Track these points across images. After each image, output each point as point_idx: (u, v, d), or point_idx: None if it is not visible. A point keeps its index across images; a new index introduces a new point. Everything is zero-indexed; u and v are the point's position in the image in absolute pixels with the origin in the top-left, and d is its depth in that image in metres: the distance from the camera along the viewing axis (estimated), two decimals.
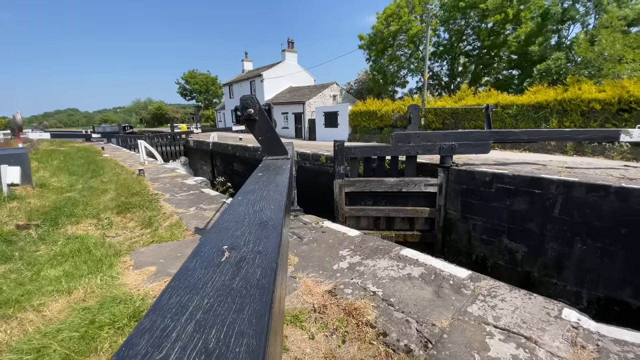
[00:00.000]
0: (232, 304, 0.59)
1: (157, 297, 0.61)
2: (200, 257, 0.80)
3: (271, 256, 0.79)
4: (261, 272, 0.71)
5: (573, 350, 2.01)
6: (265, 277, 0.68)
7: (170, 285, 0.66)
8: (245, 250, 0.83)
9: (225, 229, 1.01)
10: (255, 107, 3.12)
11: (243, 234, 0.96)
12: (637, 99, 10.63)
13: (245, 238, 0.92)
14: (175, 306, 0.59)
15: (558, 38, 19.99)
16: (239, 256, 0.80)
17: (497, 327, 2.21)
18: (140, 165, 10.13)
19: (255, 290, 0.64)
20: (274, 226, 1.03)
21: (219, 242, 0.89)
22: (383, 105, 19.21)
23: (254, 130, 3.38)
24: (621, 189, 5.98)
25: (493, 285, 2.71)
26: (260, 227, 1.02)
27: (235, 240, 0.90)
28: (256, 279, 0.68)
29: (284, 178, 2.07)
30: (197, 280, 0.68)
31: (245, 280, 0.67)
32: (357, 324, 2.34)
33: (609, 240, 6.20)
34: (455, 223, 8.89)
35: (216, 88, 54.55)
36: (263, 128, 3.40)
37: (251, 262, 0.76)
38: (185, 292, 0.63)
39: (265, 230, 0.99)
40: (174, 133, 25.56)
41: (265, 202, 1.33)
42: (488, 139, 8.32)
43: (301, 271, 3.07)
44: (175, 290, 0.64)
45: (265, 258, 0.78)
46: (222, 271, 0.72)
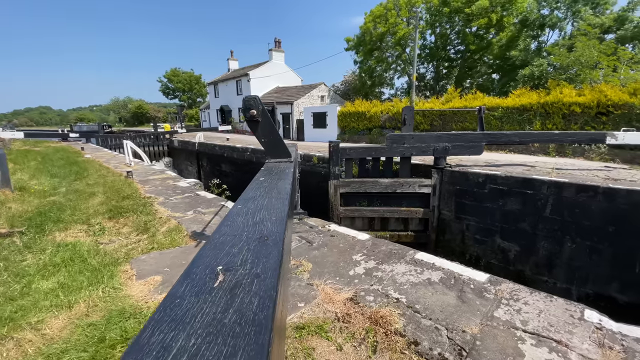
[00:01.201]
0: (223, 345, 0.52)
1: (136, 335, 0.53)
2: (191, 281, 0.71)
3: (270, 281, 0.71)
4: (258, 303, 0.63)
5: (602, 351, 2.02)
6: (263, 310, 0.60)
7: (153, 318, 0.58)
8: (242, 273, 0.75)
9: (221, 244, 0.93)
10: (258, 108, 3.01)
11: (240, 251, 0.88)
12: (614, 103, 11.16)
13: (243, 256, 0.84)
14: (156, 347, 0.51)
15: (537, 43, 20.80)
16: (234, 280, 0.72)
17: (526, 332, 2.21)
18: (127, 166, 9.72)
19: (250, 327, 0.56)
20: (274, 242, 0.94)
21: (213, 261, 0.81)
22: (372, 106, 19.33)
23: (257, 132, 3.27)
24: (608, 189, 6.23)
25: (514, 289, 2.72)
26: (260, 242, 0.94)
27: (232, 259, 0.82)
28: (252, 311, 0.60)
29: (286, 183, 1.99)
30: (185, 312, 0.60)
31: (239, 313, 0.59)
32: (385, 332, 2.28)
33: (597, 239, 6.45)
34: (448, 223, 9.02)
35: (200, 87, 53.36)
36: (266, 129, 3.29)
37: (247, 289, 0.68)
38: (170, 328, 0.56)
39: (265, 247, 0.91)
40: (157, 133, 24.78)
41: (266, 212, 1.26)
42: (481, 140, 8.50)
43: (317, 278, 2.98)
44: (158, 325, 0.56)
45: (264, 284, 0.70)
46: (213, 300, 0.64)
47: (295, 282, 2.93)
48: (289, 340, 2.23)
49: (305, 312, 2.51)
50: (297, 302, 2.63)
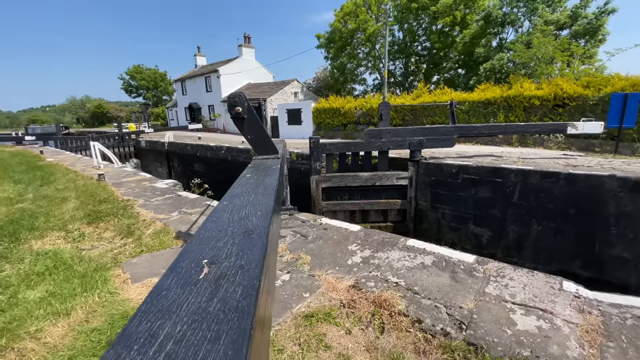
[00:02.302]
0: (208, 331, 0.54)
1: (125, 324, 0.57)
2: (177, 274, 0.74)
3: (254, 271, 0.74)
4: (242, 292, 0.65)
5: (582, 316, 2.29)
6: (246, 298, 0.63)
7: (140, 309, 0.61)
8: (226, 265, 0.78)
9: (207, 239, 0.96)
10: (244, 105, 3.03)
11: (225, 245, 0.91)
12: (570, 96, 12.16)
13: (228, 250, 0.87)
14: (144, 335, 0.54)
15: (499, 40, 22.05)
16: (218, 272, 0.74)
17: (515, 304, 2.44)
18: (96, 169, 9.20)
19: (234, 314, 0.58)
20: (259, 235, 0.97)
21: (198, 256, 0.84)
22: (346, 102, 19.58)
23: (243, 129, 3.28)
24: (569, 175, 6.84)
25: (499, 267, 2.97)
26: (245, 236, 0.97)
27: (217, 253, 0.85)
28: (236, 299, 0.62)
29: (273, 180, 2.05)
30: (171, 303, 0.62)
31: (223, 301, 0.62)
32: (389, 314, 2.42)
33: (560, 221, 7.07)
34: (425, 213, 9.44)
35: (166, 84, 51.04)
36: (252, 127, 3.31)
37: (232, 279, 0.71)
38: (157, 318, 0.58)
39: (249, 241, 0.93)
40: (122, 133, 23.49)
41: (251, 208, 1.29)
42: (453, 133, 8.95)
43: (318, 269, 3.07)
44: (146, 315, 0.59)
45: (248, 274, 0.73)
46: (199, 291, 0.66)
47: (297, 274, 3.00)
48: (300, 328, 2.30)
49: (312, 302, 2.59)
50: (302, 293, 2.70)
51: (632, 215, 6.38)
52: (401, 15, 24.98)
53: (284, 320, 2.38)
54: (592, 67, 16.88)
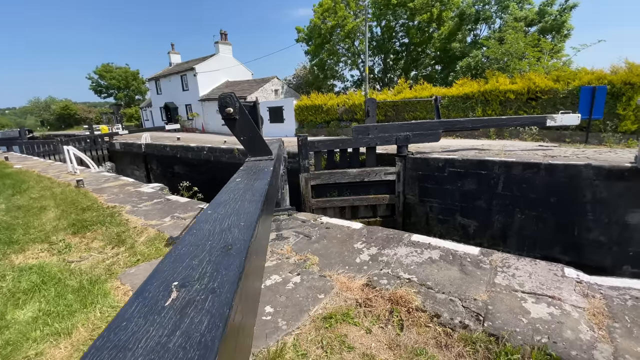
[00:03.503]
0: None
1: None
2: (143, 300, 0.67)
3: (226, 296, 0.67)
4: (208, 322, 0.58)
5: (587, 300, 2.41)
6: (211, 330, 0.56)
7: (95, 345, 0.54)
8: (197, 288, 0.71)
9: (182, 256, 0.89)
10: (235, 106, 2.95)
11: (201, 263, 0.84)
12: (542, 89, 12.75)
13: (202, 269, 0.81)
14: None
15: (473, 36, 22.77)
16: (187, 297, 0.67)
17: (524, 292, 2.53)
18: (72, 175, 8.70)
19: (195, 351, 0.52)
20: (238, 251, 0.91)
21: (170, 276, 0.77)
22: (328, 99, 19.57)
23: (235, 130, 3.21)
24: (549, 165, 7.19)
25: (503, 257, 3.07)
26: (223, 252, 0.91)
27: (190, 273, 0.78)
28: (200, 332, 0.56)
29: (263, 184, 2.02)
30: (130, 337, 0.56)
31: (186, 335, 0.55)
32: (407, 310, 2.45)
33: (542, 209, 7.42)
34: (414, 207, 9.64)
35: (139, 83, 48.93)
36: (244, 127, 3.23)
37: (200, 306, 0.64)
38: (110, 357, 0.52)
39: (227, 258, 0.87)
40: (94, 136, 22.35)
41: (235, 218, 1.23)
42: (438, 128, 9.15)
43: (328, 269, 3.05)
44: (98, 353, 0.52)
45: (219, 299, 0.66)
46: (162, 322, 0.59)
47: (307, 275, 2.97)
48: (321, 331, 2.28)
49: (328, 303, 2.57)
50: (316, 295, 2.68)
51: (606, 201, 6.81)
52: (379, 11, 25.22)
53: (302, 323, 2.35)
54: (559, 61, 17.77)
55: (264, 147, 3.30)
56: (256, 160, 3.15)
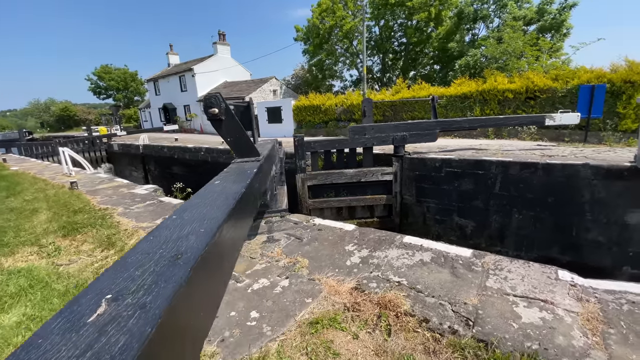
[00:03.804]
0: None
1: None
2: (69, 314, 0.61)
3: (153, 313, 0.61)
4: (123, 344, 0.53)
5: (581, 304, 2.35)
6: (123, 352, 0.51)
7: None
8: (128, 303, 0.65)
9: (128, 265, 0.84)
10: (221, 107, 2.89)
11: (144, 273, 0.79)
12: (540, 88, 12.68)
13: (143, 280, 0.75)
14: None
15: (472, 36, 22.70)
16: (114, 313, 0.61)
17: (517, 296, 2.47)
18: (67, 176, 8.65)
19: None
20: (186, 261, 0.84)
21: (107, 288, 0.71)
22: (326, 99, 19.52)
23: (221, 131, 3.15)
24: (547, 165, 7.12)
25: (496, 259, 3.01)
26: (170, 262, 0.85)
27: (128, 285, 0.72)
28: (111, 355, 0.51)
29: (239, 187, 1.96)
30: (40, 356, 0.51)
31: (96, 357, 0.50)
32: (395, 315, 2.38)
33: (539, 209, 7.35)
34: (411, 207, 9.57)
35: (137, 84, 48.91)
36: (231, 128, 3.18)
37: (122, 324, 0.58)
38: None
39: (171, 269, 0.81)
40: (92, 137, 22.33)
41: (197, 224, 1.17)
42: (435, 128, 9.09)
43: (317, 272, 2.99)
44: None
45: (145, 316, 0.60)
46: (77, 340, 0.54)
47: (296, 279, 2.91)
48: (307, 337, 2.22)
49: (315, 307, 2.51)
50: (304, 299, 2.62)
51: (605, 201, 6.73)
52: (377, 11, 25.15)
53: (288, 329, 2.29)
54: (559, 60, 17.70)
55: (251, 149, 3.24)
56: (242, 162, 3.09)
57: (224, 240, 1.39)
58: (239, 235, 1.92)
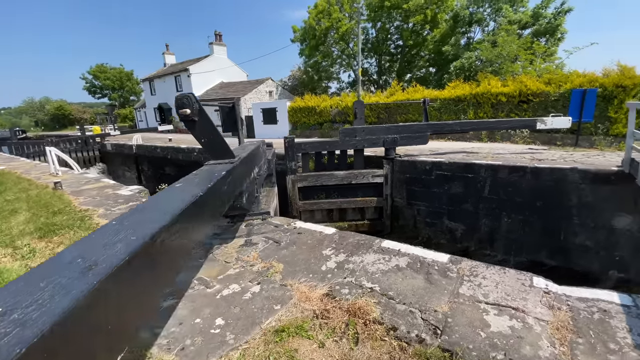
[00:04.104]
0: None
1: None
2: None
3: (33, 330, 0.57)
4: None
5: (552, 312, 2.30)
6: None
7: None
8: (14, 319, 0.61)
9: (40, 275, 0.79)
10: (193, 107, 2.83)
11: (49, 284, 0.74)
12: (533, 92, 12.70)
13: (42, 293, 0.70)
14: None
15: (467, 39, 22.78)
16: None
17: (488, 304, 2.42)
18: (53, 176, 8.54)
19: None
20: (96, 274, 0.80)
21: (7, 300, 0.68)
22: (321, 101, 19.49)
23: (194, 132, 3.09)
24: (535, 169, 7.11)
25: (472, 265, 2.96)
26: (81, 273, 0.81)
27: (25, 299, 0.68)
28: None
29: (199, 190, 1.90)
30: None
31: None
32: (364, 323, 2.33)
33: (528, 213, 7.33)
34: (401, 209, 9.53)
35: (133, 84, 48.68)
36: (204, 129, 3.12)
37: None
38: None
39: (77, 280, 0.77)
40: (85, 136, 22.15)
41: (132, 230, 1.13)
42: (426, 131, 9.07)
43: (291, 278, 2.93)
44: None
45: (19, 335, 0.56)
46: None
47: (268, 285, 2.85)
48: (270, 345, 2.16)
49: (283, 315, 2.45)
50: (273, 305, 2.55)
51: (592, 205, 6.72)
52: (374, 13, 25.19)
53: (252, 337, 2.23)
54: (552, 64, 17.76)
55: (225, 150, 3.19)
56: (215, 164, 3.04)
57: (165, 246, 1.34)
58: (193, 239, 1.86)
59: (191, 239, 1.81)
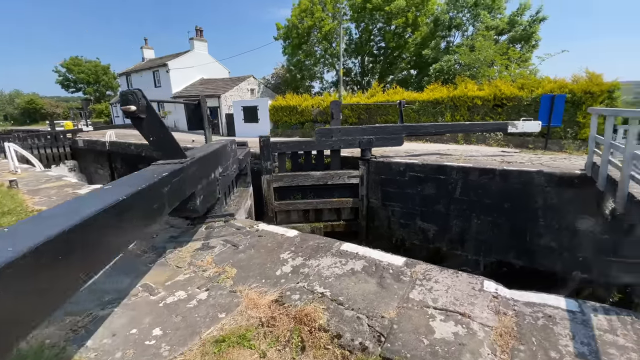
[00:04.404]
0: None
1: None
2: None
3: None
4: None
5: (498, 318, 2.30)
6: None
7: None
8: None
9: None
10: (140, 104, 2.69)
11: None
12: (507, 96, 13.05)
13: None
14: None
15: (447, 43, 23.21)
16: None
17: (436, 309, 2.40)
18: (12, 174, 8.05)
19: None
20: None
21: None
22: (303, 100, 19.38)
23: (142, 130, 2.95)
24: (503, 171, 7.27)
25: (426, 269, 2.94)
26: None
27: None
28: None
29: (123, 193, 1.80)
30: None
31: None
32: (309, 330, 2.25)
33: (497, 214, 7.49)
34: (376, 210, 9.56)
35: (109, 78, 46.90)
36: (153, 127, 2.98)
37: None
38: None
39: None
40: (55, 132, 21.16)
41: (10, 240, 1.06)
42: (401, 132, 9.13)
43: (242, 283, 2.82)
44: None
45: None
46: None
47: (216, 291, 2.73)
48: (208, 357, 2.05)
49: (226, 323, 2.34)
50: (217, 313, 2.44)
51: (557, 208, 6.93)
52: (357, 14, 25.28)
53: (189, 348, 2.11)
54: (526, 70, 18.34)
55: (176, 150, 3.04)
56: (163, 164, 2.89)
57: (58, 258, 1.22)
58: (113, 244, 1.73)
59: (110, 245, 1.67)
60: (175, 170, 2.65)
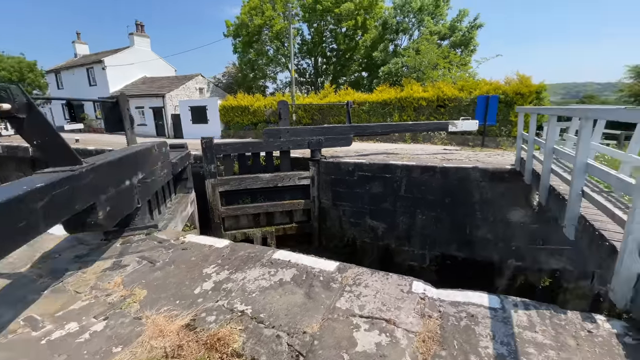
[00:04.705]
0: None
1: None
2: None
3: None
4: None
5: (423, 321, 2.23)
6: None
7: None
8: None
9: None
10: (16, 101, 2.23)
11: None
12: (449, 97, 13.80)
13: None
14: None
15: (394, 46, 24.09)
16: None
17: (362, 317, 2.27)
18: None
19: None
20: None
21: None
22: (255, 100, 18.83)
23: (22, 132, 2.44)
24: (443, 168, 7.57)
25: (357, 273, 2.83)
26: None
27: None
28: None
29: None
30: None
31: None
32: (220, 357, 1.99)
33: (439, 210, 7.79)
34: (328, 211, 9.49)
35: (36, 75, 41.70)
36: (37, 129, 2.50)
37: None
38: None
39: None
40: None
41: None
42: (349, 132, 9.15)
43: (149, 308, 2.46)
44: None
45: None
46: None
47: (117, 319, 2.34)
48: None
49: (122, 358, 1.99)
50: (112, 348, 2.07)
51: (491, 201, 7.38)
52: (309, 15, 25.25)
53: None
54: (466, 73, 19.65)
55: (68, 155, 2.58)
56: (49, 172, 2.42)
57: None
58: None
59: None
60: (61, 180, 2.23)
